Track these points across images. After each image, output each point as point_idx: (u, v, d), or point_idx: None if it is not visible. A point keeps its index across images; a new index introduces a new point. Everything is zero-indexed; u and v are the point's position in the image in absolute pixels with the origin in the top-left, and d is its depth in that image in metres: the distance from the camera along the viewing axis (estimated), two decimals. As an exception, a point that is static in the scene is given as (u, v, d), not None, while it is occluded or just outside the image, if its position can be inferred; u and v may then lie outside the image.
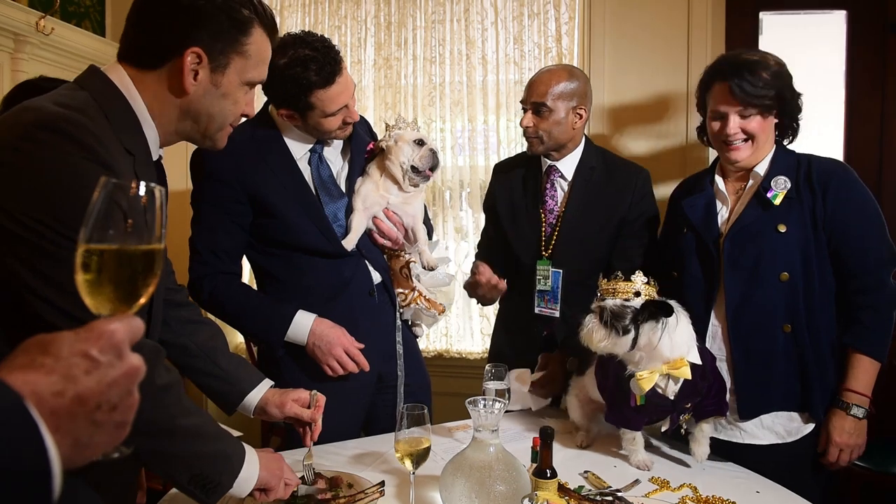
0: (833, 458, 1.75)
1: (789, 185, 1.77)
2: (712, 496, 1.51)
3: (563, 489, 1.47)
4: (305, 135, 1.88)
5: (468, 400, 1.37)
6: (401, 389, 1.99)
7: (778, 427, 1.79)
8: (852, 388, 1.75)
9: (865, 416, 1.75)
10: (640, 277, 1.62)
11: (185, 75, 1.15)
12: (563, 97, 2.08)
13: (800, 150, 1.89)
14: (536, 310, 2.15)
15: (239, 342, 3.57)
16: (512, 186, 2.26)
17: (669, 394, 1.62)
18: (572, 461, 1.71)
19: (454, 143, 3.36)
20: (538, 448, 1.40)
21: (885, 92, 2.99)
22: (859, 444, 1.76)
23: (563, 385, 2.01)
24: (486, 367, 1.86)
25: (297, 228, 1.84)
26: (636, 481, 1.59)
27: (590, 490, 1.54)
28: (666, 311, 1.56)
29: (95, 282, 0.66)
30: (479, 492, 1.29)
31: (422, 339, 3.25)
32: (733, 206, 1.87)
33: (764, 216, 1.78)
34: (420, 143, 1.97)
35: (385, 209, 1.95)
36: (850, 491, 2.59)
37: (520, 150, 2.68)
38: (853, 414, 1.74)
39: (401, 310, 2.00)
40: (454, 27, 3.30)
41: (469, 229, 3.36)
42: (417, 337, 2.14)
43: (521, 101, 2.18)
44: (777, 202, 1.77)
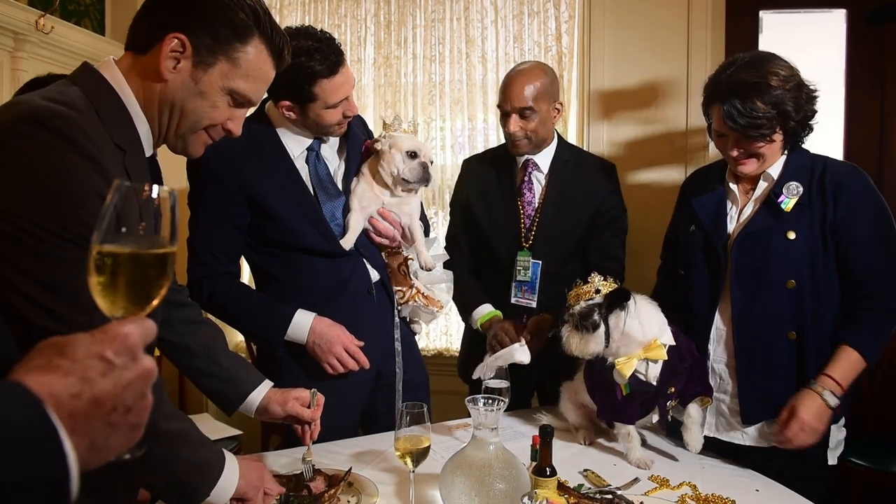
0: (792, 434, 1.67)
1: (801, 191, 1.74)
2: (712, 494, 1.52)
3: (562, 487, 1.47)
4: (303, 131, 1.87)
5: (468, 398, 1.38)
6: (399, 387, 1.99)
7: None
8: (832, 374, 1.69)
9: (834, 407, 1.68)
10: (596, 277, 1.74)
11: (163, 59, 1.11)
12: (544, 96, 2.15)
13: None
14: (513, 300, 2.24)
15: (239, 341, 3.58)
16: (484, 181, 2.33)
17: (651, 378, 1.68)
18: (572, 459, 1.71)
19: (454, 141, 3.36)
20: (538, 446, 1.40)
21: (884, 91, 2.99)
22: (819, 431, 1.68)
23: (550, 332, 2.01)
24: (485, 356, 1.87)
25: (295, 229, 1.84)
26: (636, 479, 1.60)
27: (589, 488, 1.54)
28: (624, 296, 1.67)
29: (109, 284, 0.66)
30: (478, 490, 1.29)
31: (421, 338, 3.26)
32: (743, 205, 1.84)
33: (774, 223, 1.75)
34: (413, 155, 1.92)
35: (381, 209, 1.95)
36: (850, 491, 2.59)
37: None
38: (825, 399, 1.68)
39: (399, 307, 2.00)
40: (454, 26, 3.30)
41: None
42: (416, 334, 2.14)
43: (498, 106, 2.22)
44: (788, 209, 1.73)
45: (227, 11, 1.15)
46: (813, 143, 1.86)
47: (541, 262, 2.20)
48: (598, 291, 1.71)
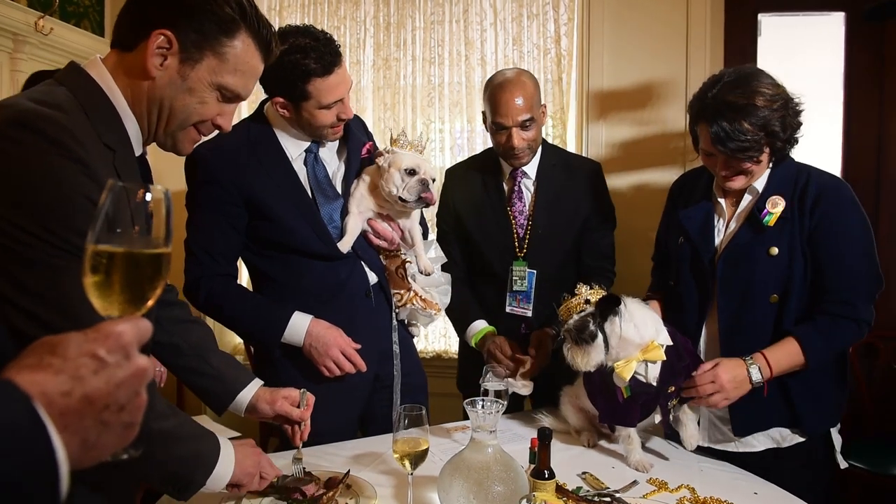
0: (701, 382, 1.67)
1: (783, 206, 1.73)
2: (710, 497, 1.51)
3: (560, 490, 1.47)
4: (300, 132, 1.87)
5: (466, 401, 1.38)
6: (397, 389, 1.99)
7: (773, 433, 1.79)
8: (766, 355, 1.69)
9: (756, 385, 1.68)
10: (583, 287, 1.74)
11: (149, 56, 1.10)
12: (537, 103, 2.15)
13: (799, 152, 1.83)
14: (508, 309, 2.21)
15: (237, 343, 3.57)
16: (472, 190, 2.28)
17: (651, 379, 1.68)
18: (570, 462, 1.71)
19: (453, 143, 3.36)
20: (536, 449, 1.40)
21: (883, 93, 3.00)
22: (730, 398, 1.68)
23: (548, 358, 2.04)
24: (485, 367, 1.86)
25: (292, 231, 1.84)
26: (634, 482, 1.59)
27: (588, 491, 1.54)
28: (615, 302, 1.66)
29: (104, 284, 0.66)
30: (476, 493, 1.29)
31: (420, 340, 3.26)
32: (730, 218, 1.84)
33: (757, 238, 1.75)
34: (412, 172, 1.88)
35: (381, 211, 1.95)
36: (850, 491, 2.59)
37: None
38: (749, 371, 1.67)
39: (397, 310, 2.00)
40: (453, 28, 3.30)
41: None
42: (414, 336, 2.14)
43: (496, 124, 2.11)
44: (771, 223, 1.73)
45: (213, 6, 1.13)
46: (812, 145, 1.86)
47: (536, 270, 2.18)
48: (587, 302, 1.70)
